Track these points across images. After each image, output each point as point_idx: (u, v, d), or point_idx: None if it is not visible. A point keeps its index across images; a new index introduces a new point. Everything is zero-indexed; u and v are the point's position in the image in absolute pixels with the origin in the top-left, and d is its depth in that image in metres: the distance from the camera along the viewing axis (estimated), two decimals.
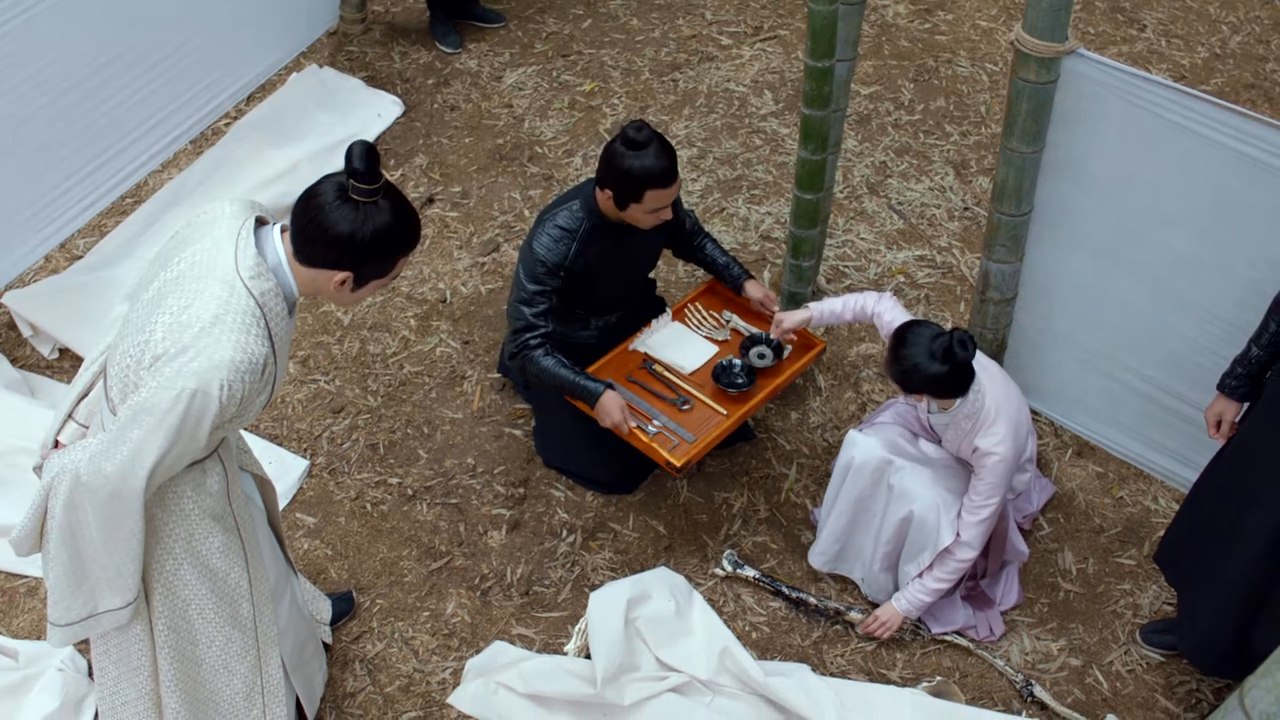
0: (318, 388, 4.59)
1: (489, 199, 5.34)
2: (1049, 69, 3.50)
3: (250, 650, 3.14)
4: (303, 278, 2.68)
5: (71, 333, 4.64)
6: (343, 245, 2.60)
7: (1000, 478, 3.52)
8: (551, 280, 3.83)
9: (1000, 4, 6.39)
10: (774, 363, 4.07)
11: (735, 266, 4.23)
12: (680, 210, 4.15)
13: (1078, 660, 3.81)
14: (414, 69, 6.03)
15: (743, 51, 6.13)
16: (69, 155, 5.05)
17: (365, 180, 2.55)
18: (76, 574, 2.80)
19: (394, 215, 2.62)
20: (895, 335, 3.45)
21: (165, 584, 2.92)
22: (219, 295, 2.57)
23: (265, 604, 3.12)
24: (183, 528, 2.87)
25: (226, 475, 2.91)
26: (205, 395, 2.54)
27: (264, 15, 5.76)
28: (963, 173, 5.41)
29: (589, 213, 3.84)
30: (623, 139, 3.67)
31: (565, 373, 3.83)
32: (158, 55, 5.29)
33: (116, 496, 2.64)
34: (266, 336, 2.60)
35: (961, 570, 3.65)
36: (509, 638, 3.88)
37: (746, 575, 3.95)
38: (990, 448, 3.50)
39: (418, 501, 4.24)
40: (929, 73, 5.97)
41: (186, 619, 2.99)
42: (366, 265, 2.65)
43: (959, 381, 3.42)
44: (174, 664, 3.03)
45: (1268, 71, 5.95)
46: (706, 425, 3.92)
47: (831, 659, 3.81)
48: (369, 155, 2.54)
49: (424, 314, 4.87)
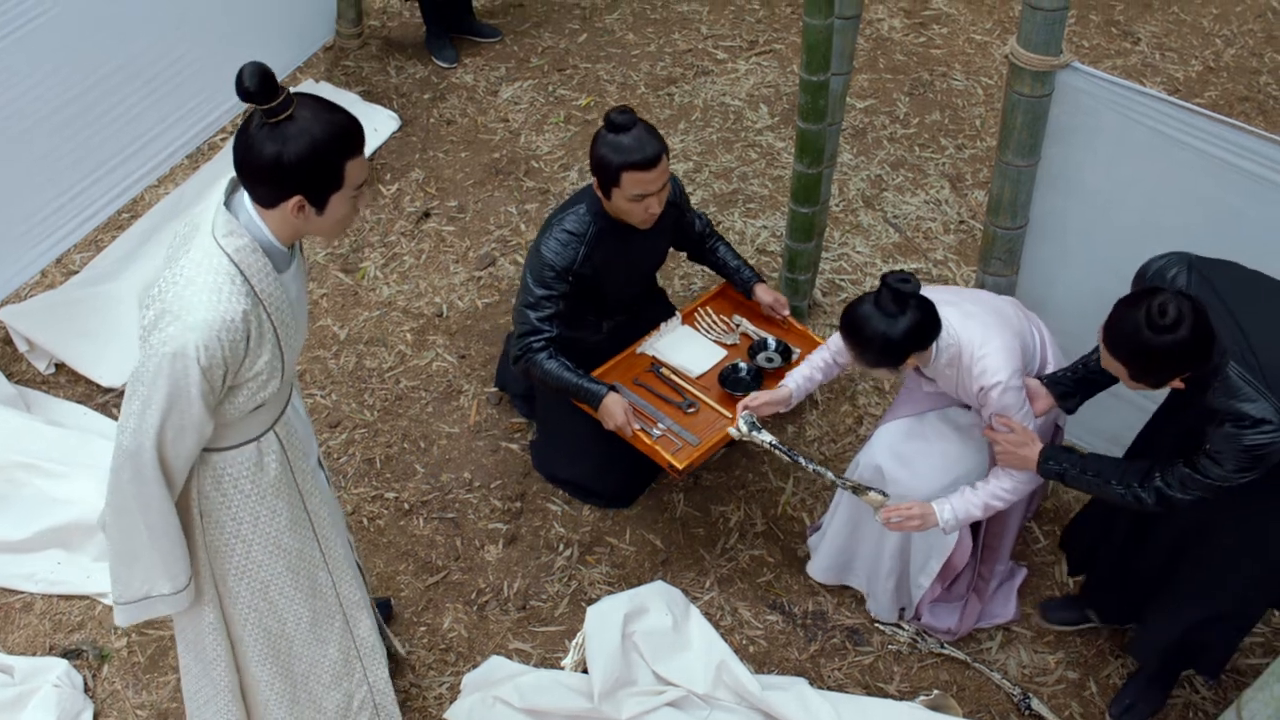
0: (314, 402, 4.59)
1: (485, 213, 5.35)
2: (1043, 82, 3.51)
3: (336, 616, 3.19)
4: (273, 223, 2.62)
5: (68, 348, 4.64)
6: (276, 171, 2.52)
7: (1013, 401, 3.35)
8: (559, 285, 3.79)
9: (995, 18, 6.41)
10: (781, 366, 4.02)
11: (746, 270, 4.19)
12: (690, 212, 4.13)
13: (1075, 673, 3.81)
14: (410, 83, 6.04)
15: (738, 66, 6.14)
16: (65, 170, 5.05)
17: (263, 100, 2.46)
18: (129, 552, 2.81)
19: (314, 123, 2.52)
20: (845, 325, 3.29)
21: (238, 568, 2.95)
22: (195, 259, 2.57)
23: (342, 569, 3.16)
24: (247, 510, 2.88)
25: (286, 453, 2.92)
26: (183, 358, 2.53)
27: (260, 30, 5.77)
28: (958, 186, 5.42)
29: (595, 215, 3.81)
30: (606, 123, 3.63)
31: (568, 375, 3.80)
32: (153, 70, 5.30)
33: (138, 471, 2.66)
34: (246, 294, 2.57)
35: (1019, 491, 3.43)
36: (506, 652, 3.87)
37: (762, 440, 3.70)
38: (989, 383, 3.34)
39: (414, 516, 4.24)
40: (924, 86, 5.99)
41: (268, 599, 3.02)
42: (311, 182, 2.56)
43: (931, 321, 3.27)
44: (262, 641, 3.08)
45: (1261, 84, 5.96)
46: (711, 429, 3.87)
47: (829, 672, 3.81)
48: (260, 74, 2.45)
49: (420, 328, 4.87)
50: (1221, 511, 3.20)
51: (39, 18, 4.72)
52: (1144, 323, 2.82)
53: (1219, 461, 2.93)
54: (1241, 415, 2.84)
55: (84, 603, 4.00)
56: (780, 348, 4.08)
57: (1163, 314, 2.79)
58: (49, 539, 4.06)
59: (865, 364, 3.34)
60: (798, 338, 4.15)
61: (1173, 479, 3.06)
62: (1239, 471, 2.91)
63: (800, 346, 4.10)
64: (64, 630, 3.93)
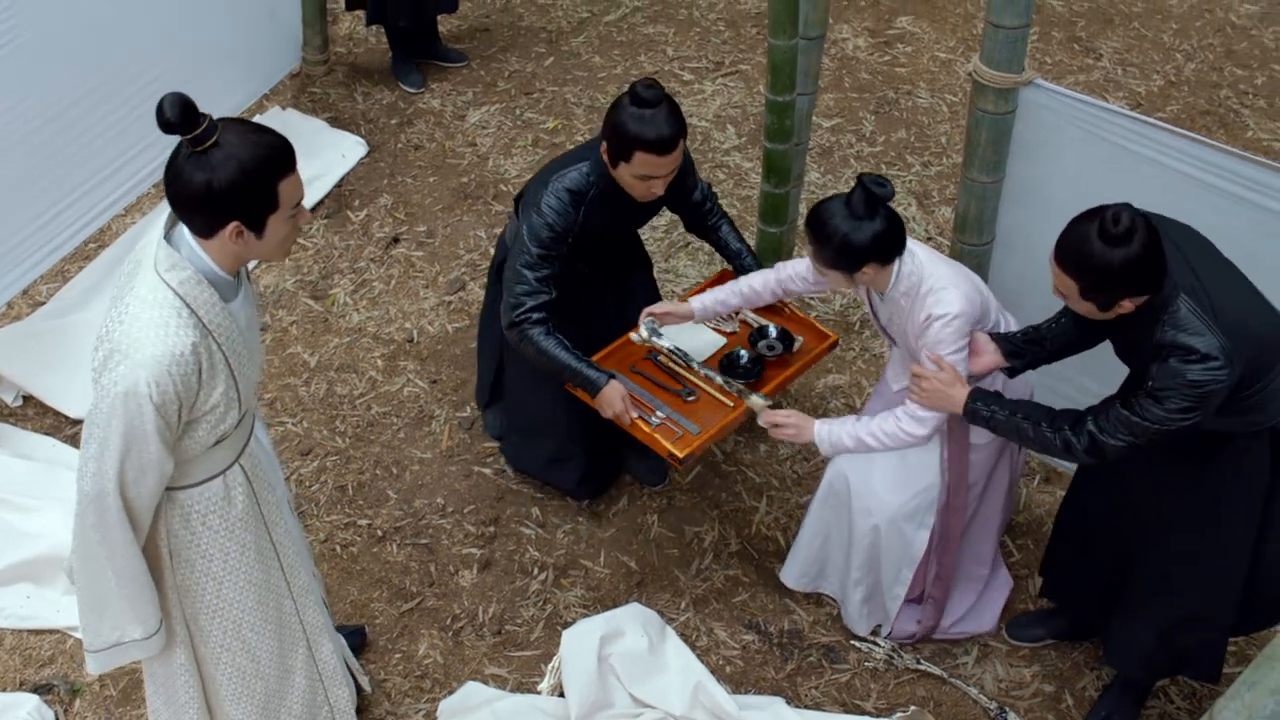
0: (285, 430, 4.57)
1: (454, 237, 5.35)
2: (1007, 100, 3.54)
3: (300, 644, 3.18)
4: (214, 252, 2.60)
5: (36, 380, 4.61)
6: (208, 200, 2.50)
7: (951, 337, 3.27)
8: (557, 246, 3.60)
9: (958, 36, 6.46)
10: (783, 354, 3.94)
11: (748, 256, 4.04)
12: (692, 175, 3.94)
13: (1051, 686, 3.81)
14: (377, 109, 6.04)
15: (705, 87, 6.17)
16: (31, 201, 5.01)
17: (186, 129, 2.45)
18: (97, 599, 2.79)
19: (240, 147, 2.50)
20: (811, 223, 3.22)
21: (210, 607, 2.93)
22: (140, 296, 2.55)
23: (305, 596, 3.15)
24: (217, 546, 2.87)
25: (252, 485, 2.90)
26: (135, 396, 2.51)
27: (226, 58, 5.76)
28: (925, 203, 5.46)
29: (600, 178, 3.61)
30: (631, 94, 3.43)
31: (567, 356, 3.62)
32: (119, 99, 5.27)
33: (101, 516, 2.64)
34: (194, 326, 2.55)
35: (899, 440, 3.39)
36: (482, 678, 3.85)
37: (661, 345, 3.71)
38: (937, 313, 3.26)
39: (388, 542, 4.22)
40: (890, 105, 6.03)
41: (240, 637, 3.01)
42: (244, 207, 2.53)
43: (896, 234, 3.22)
44: (235, 679, 3.05)
45: (1221, 98, 6.03)
46: (712, 418, 3.73)
47: (805, 691, 3.81)
48: (179, 104, 2.43)
49: (391, 354, 4.86)
50: (1166, 510, 3.21)
51: (2, 48, 4.69)
52: (1096, 233, 2.76)
53: (1160, 399, 2.86)
54: (1189, 349, 2.79)
55: (54, 637, 3.96)
56: (781, 334, 3.96)
57: (1116, 222, 2.74)
58: (18, 573, 4.02)
59: (822, 262, 3.27)
60: (799, 325, 4.03)
61: (1106, 422, 2.98)
62: (1182, 412, 2.84)
63: (802, 334, 3.99)
64: (34, 665, 3.89)
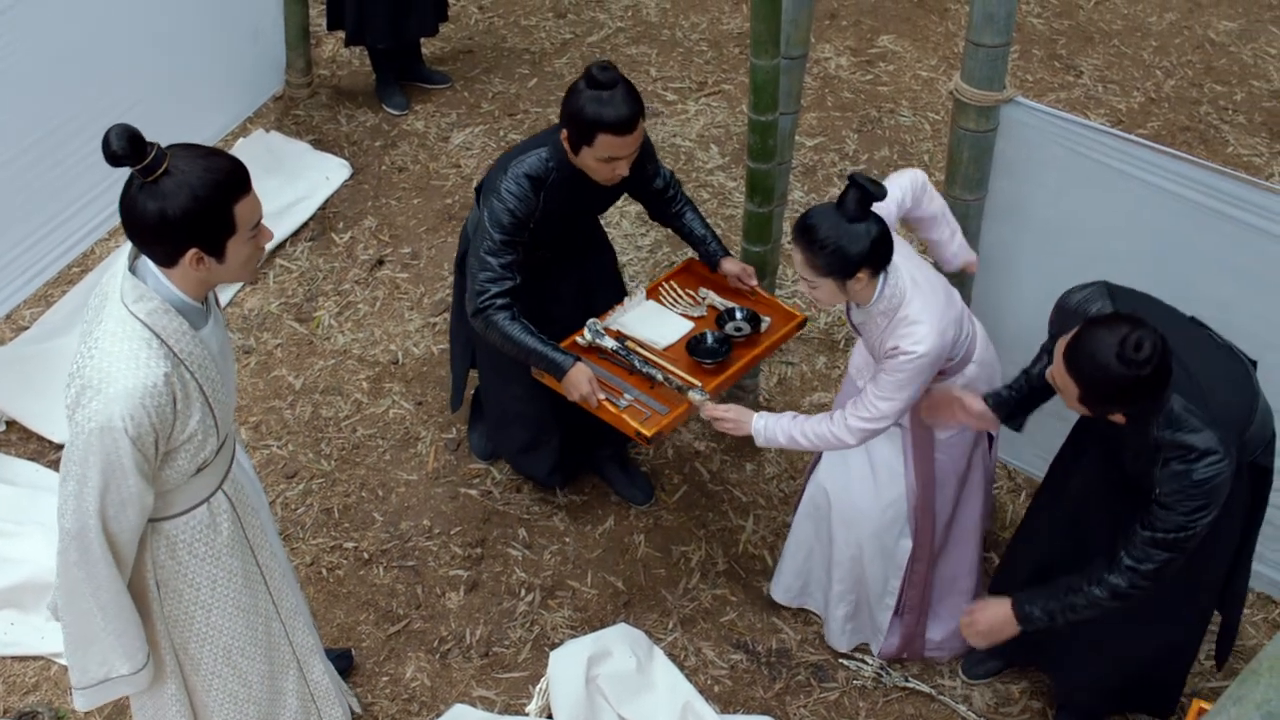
0: (270, 453, 4.55)
1: (439, 259, 5.34)
2: (988, 117, 3.56)
3: (291, 665, 3.17)
4: (179, 280, 2.59)
5: (19, 405, 4.59)
6: (164, 229, 2.49)
7: (910, 376, 3.23)
8: (519, 232, 3.58)
9: (940, 54, 6.49)
10: (751, 334, 3.87)
11: (713, 242, 4.00)
12: (652, 163, 3.92)
13: (1039, 703, 3.81)
14: (361, 131, 6.04)
15: (688, 107, 6.19)
16: (14, 225, 5.01)
17: (134, 160, 2.44)
18: (83, 635, 2.78)
19: (190, 173, 2.49)
20: (801, 231, 3.17)
21: (200, 636, 2.91)
22: (109, 329, 2.55)
23: (293, 617, 3.14)
24: (204, 575, 2.86)
25: (236, 511, 2.90)
26: (110, 431, 2.50)
27: (209, 81, 5.76)
28: None
29: (559, 164, 3.59)
30: (587, 78, 3.40)
31: (531, 340, 3.58)
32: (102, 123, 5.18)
33: (85, 553, 2.63)
34: (165, 356, 2.55)
35: (827, 443, 3.39)
36: (470, 700, 3.84)
37: (606, 345, 3.70)
38: (906, 348, 3.21)
39: (374, 565, 4.21)
40: (872, 123, 6.05)
41: (231, 663, 2.99)
42: (201, 233, 2.52)
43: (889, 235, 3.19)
44: (228, 706, 3.05)
45: (1201, 114, 6.07)
46: (680, 399, 3.68)
47: (794, 710, 3.80)
48: (126, 135, 2.42)
49: (376, 376, 4.85)
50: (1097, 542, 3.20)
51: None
52: (1115, 353, 2.70)
53: (1171, 506, 2.84)
54: (1189, 447, 2.79)
55: (38, 663, 3.94)
56: (748, 316, 3.90)
57: (1138, 349, 2.68)
58: (1, 599, 4.00)
59: (814, 271, 3.19)
60: (766, 306, 3.98)
61: (1136, 550, 2.94)
62: (1197, 513, 2.83)
63: (770, 315, 3.93)
64: (18, 692, 3.86)
